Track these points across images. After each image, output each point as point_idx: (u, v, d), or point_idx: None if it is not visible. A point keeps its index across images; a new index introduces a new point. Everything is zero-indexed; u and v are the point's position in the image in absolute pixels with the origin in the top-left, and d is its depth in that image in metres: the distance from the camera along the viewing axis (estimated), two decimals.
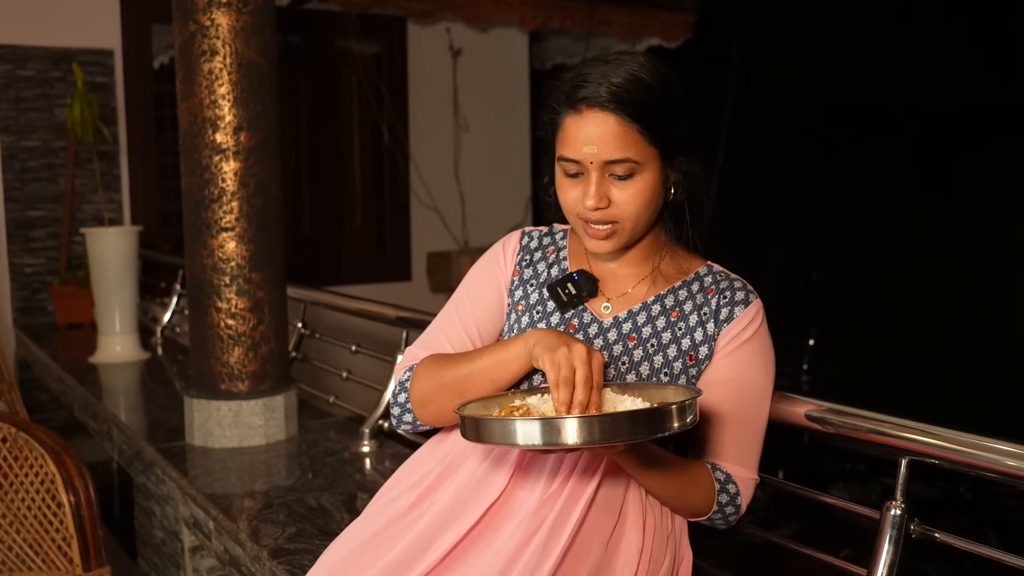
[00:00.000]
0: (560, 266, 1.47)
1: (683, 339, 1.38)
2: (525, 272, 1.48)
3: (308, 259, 5.83)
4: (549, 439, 1.10)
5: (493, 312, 1.49)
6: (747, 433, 1.41)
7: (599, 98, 1.29)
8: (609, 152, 1.30)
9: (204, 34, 2.55)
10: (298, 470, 2.51)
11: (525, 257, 1.49)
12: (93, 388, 3.63)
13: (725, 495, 1.39)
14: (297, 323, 3.18)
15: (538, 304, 1.44)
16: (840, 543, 3.03)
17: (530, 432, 1.11)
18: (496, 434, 1.14)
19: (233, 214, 2.62)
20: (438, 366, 1.40)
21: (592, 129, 1.30)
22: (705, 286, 1.41)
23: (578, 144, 1.31)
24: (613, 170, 1.31)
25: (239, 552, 2.10)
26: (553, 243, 1.51)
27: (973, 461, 1.28)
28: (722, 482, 1.39)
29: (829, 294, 5.62)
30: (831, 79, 5.90)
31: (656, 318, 1.40)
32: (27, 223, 4.98)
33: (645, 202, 1.34)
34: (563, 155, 1.34)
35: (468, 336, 1.48)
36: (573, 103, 1.32)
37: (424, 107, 6.19)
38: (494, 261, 1.51)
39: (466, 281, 1.54)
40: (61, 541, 2.18)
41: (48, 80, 4.94)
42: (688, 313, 1.39)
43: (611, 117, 1.29)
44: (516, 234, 1.54)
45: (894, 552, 1.35)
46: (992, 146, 5.32)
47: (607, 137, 1.29)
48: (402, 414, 1.45)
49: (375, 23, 5.86)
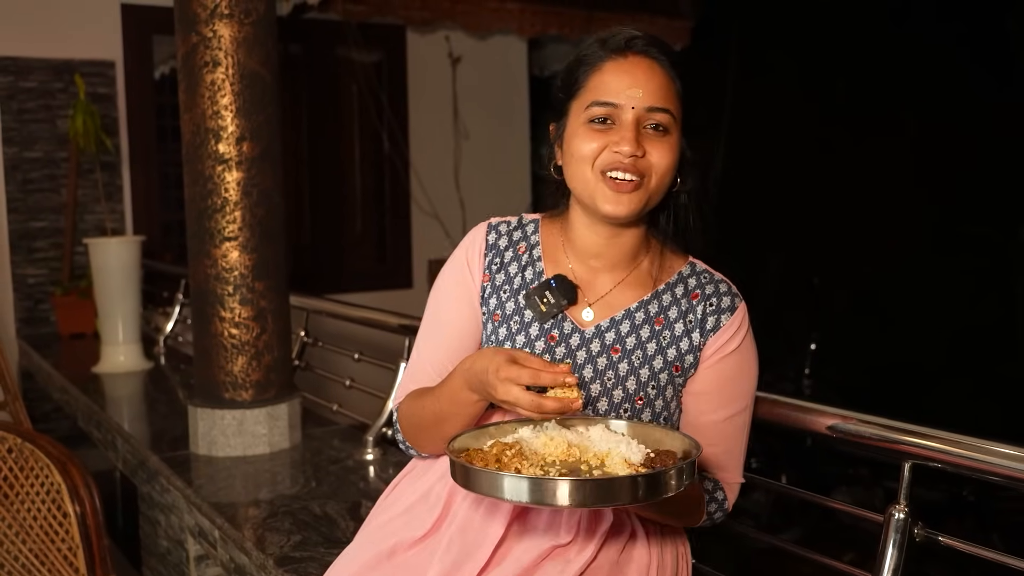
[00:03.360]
0: (535, 267, 1.38)
1: (668, 349, 1.33)
2: (497, 277, 1.39)
3: (309, 267, 5.84)
4: (538, 499, 1.05)
5: (469, 326, 1.41)
6: (737, 436, 1.39)
7: (645, 43, 1.28)
8: (654, 98, 1.26)
9: (206, 45, 2.57)
10: (302, 478, 2.51)
11: (495, 260, 1.40)
12: (97, 398, 3.64)
13: (714, 504, 1.38)
14: (300, 331, 3.18)
15: (515, 314, 1.36)
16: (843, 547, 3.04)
17: (518, 489, 1.06)
18: (484, 486, 1.09)
19: (236, 224, 2.63)
20: (415, 407, 1.39)
21: (640, 73, 1.26)
22: (690, 289, 1.36)
23: (621, 86, 1.26)
24: (651, 119, 1.26)
25: (245, 561, 2.11)
26: (524, 237, 1.41)
27: (977, 465, 1.28)
28: (711, 491, 1.38)
29: (830, 298, 5.62)
30: (829, 82, 5.91)
31: (640, 327, 1.34)
32: (30, 234, 4.99)
33: (672, 164, 1.29)
34: (598, 99, 1.27)
35: (449, 359, 1.39)
36: (616, 49, 1.28)
37: (424, 115, 6.20)
38: (460, 272, 1.42)
39: (436, 297, 1.45)
40: (67, 551, 2.18)
41: (50, 91, 4.96)
42: (673, 321, 1.34)
43: (658, 67, 1.28)
44: (480, 231, 1.44)
45: (898, 556, 1.35)
46: (992, 147, 5.32)
47: (653, 83, 1.26)
48: (408, 448, 1.44)
49: (375, 32, 5.87)
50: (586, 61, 1.31)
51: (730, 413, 1.36)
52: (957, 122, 5.36)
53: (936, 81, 5.42)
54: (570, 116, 1.32)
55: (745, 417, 1.39)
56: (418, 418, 1.37)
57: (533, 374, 1.14)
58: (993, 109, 5.24)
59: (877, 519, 1.41)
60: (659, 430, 1.23)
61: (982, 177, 5.43)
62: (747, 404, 1.39)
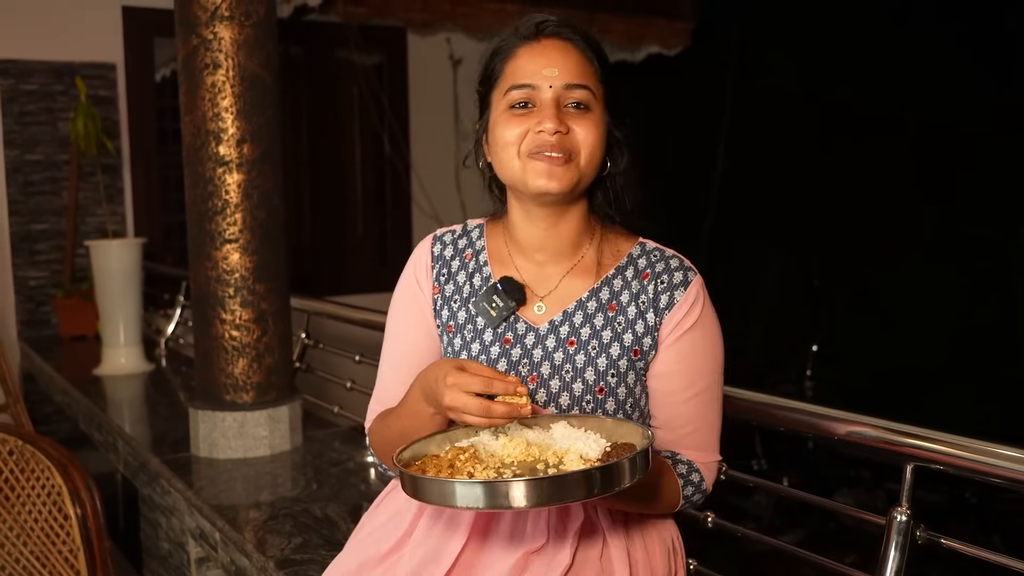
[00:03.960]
0: (482, 273, 1.37)
1: (624, 334, 1.30)
2: (446, 288, 1.38)
3: (309, 269, 5.84)
4: (493, 503, 1.02)
5: (427, 343, 1.40)
6: (706, 412, 1.35)
7: (557, 26, 1.28)
8: (570, 76, 1.26)
9: (207, 47, 2.57)
10: (303, 480, 2.51)
11: (442, 271, 1.39)
12: (98, 400, 3.64)
13: (690, 487, 1.33)
14: (301, 334, 3.18)
15: (467, 323, 1.35)
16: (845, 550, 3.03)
17: (472, 495, 1.02)
18: (434, 495, 1.06)
19: (237, 226, 2.63)
20: (382, 427, 1.39)
21: (554, 54, 1.27)
22: (640, 270, 1.33)
23: (536, 68, 1.26)
24: (570, 96, 1.26)
25: (245, 563, 2.10)
26: (470, 244, 1.41)
27: (979, 467, 1.28)
28: (685, 475, 1.33)
29: (831, 300, 5.62)
30: (830, 83, 5.91)
31: (593, 316, 1.31)
32: (31, 236, 4.99)
33: (599, 140, 1.28)
34: (515, 83, 1.27)
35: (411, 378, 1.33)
36: (528, 35, 1.29)
37: (425, 117, 6.21)
38: (411, 290, 1.41)
39: (392, 316, 1.44)
40: (68, 553, 2.18)
41: (51, 94, 4.96)
42: (626, 305, 1.31)
43: (571, 46, 1.28)
44: (425, 245, 1.43)
45: (900, 558, 1.35)
46: (992, 148, 5.32)
47: (568, 62, 1.27)
48: (385, 471, 1.46)
49: (375, 34, 5.88)
50: (501, 51, 1.31)
51: (696, 391, 1.33)
52: (957, 122, 5.35)
53: (936, 81, 5.42)
54: (492, 107, 1.33)
55: (713, 393, 1.35)
56: (385, 438, 1.36)
57: (485, 382, 1.14)
58: (993, 109, 5.24)
59: (879, 521, 1.41)
60: (622, 424, 1.21)
61: (982, 177, 5.42)
62: (714, 380, 1.35)
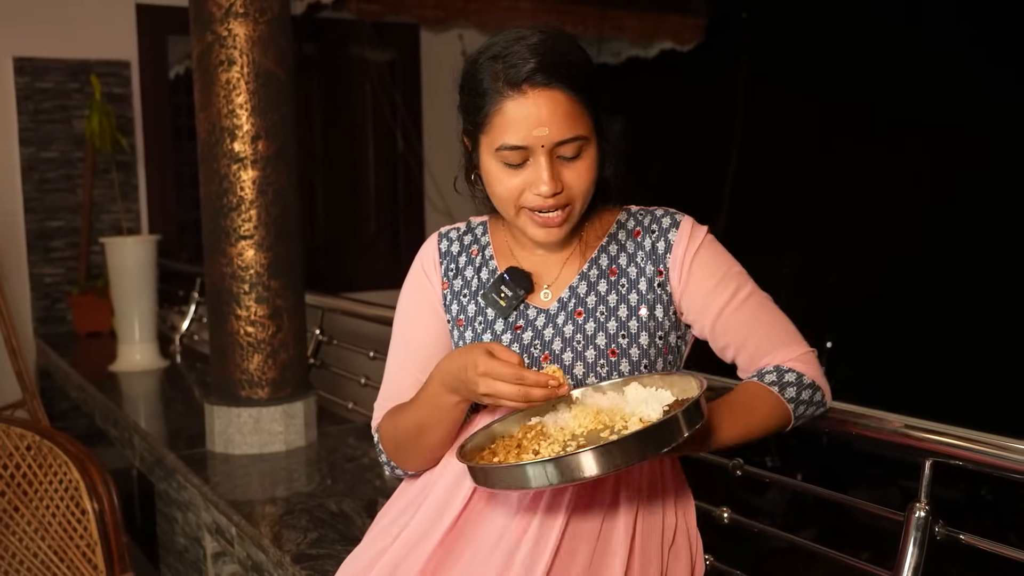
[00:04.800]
0: (488, 267, 1.40)
1: (629, 295, 1.33)
2: (455, 284, 1.41)
3: (323, 266, 5.85)
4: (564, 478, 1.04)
5: (438, 337, 1.42)
6: (763, 313, 1.35)
7: (544, 75, 1.21)
8: (560, 132, 1.22)
9: (221, 44, 2.58)
10: (318, 476, 2.52)
11: (450, 267, 1.42)
12: (113, 396, 3.66)
13: (790, 388, 1.30)
14: (315, 330, 3.19)
15: (477, 315, 1.38)
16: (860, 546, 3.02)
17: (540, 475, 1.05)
18: (503, 482, 1.08)
19: (252, 222, 2.63)
20: (395, 422, 1.37)
21: (541, 109, 1.21)
22: (630, 230, 1.37)
23: (526, 128, 1.21)
24: (563, 151, 1.24)
25: (262, 558, 2.11)
26: (475, 240, 1.43)
27: (999, 462, 1.27)
28: (778, 380, 1.30)
29: (845, 297, 5.60)
30: (846, 80, 5.88)
31: (596, 283, 1.34)
32: (46, 233, 5.02)
33: (592, 179, 1.28)
34: (506, 143, 1.23)
35: (422, 373, 1.38)
36: (514, 84, 1.22)
37: (438, 113, 6.20)
38: (420, 285, 1.43)
39: (400, 313, 1.46)
40: (85, 548, 2.19)
41: (66, 92, 4.98)
42: (625, 267, 1.34)
43: (558, 93, 1.22)
44: (432, 242, 1.46)
45: (919, 554, 1.34)
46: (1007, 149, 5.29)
47: (558, 116, 1.21)
48: (394, 469, 1.42)
49: (388, 31, 5.88)
50: (484, 93, 1.26)
51: (736, 296, 1.32)
52: (971, 122, 5.33)
53: (949, 81, 5.39)
54: (481, 148, 1.30)
55: (757, 296, 1.34)
56: (399, 432, 1.36)
57: (515, 374, 1.14)
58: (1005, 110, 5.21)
59: (897, 517, 1.40)
60: (685, 377, 1.21)
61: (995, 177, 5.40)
62: (748, 283, 1.34)
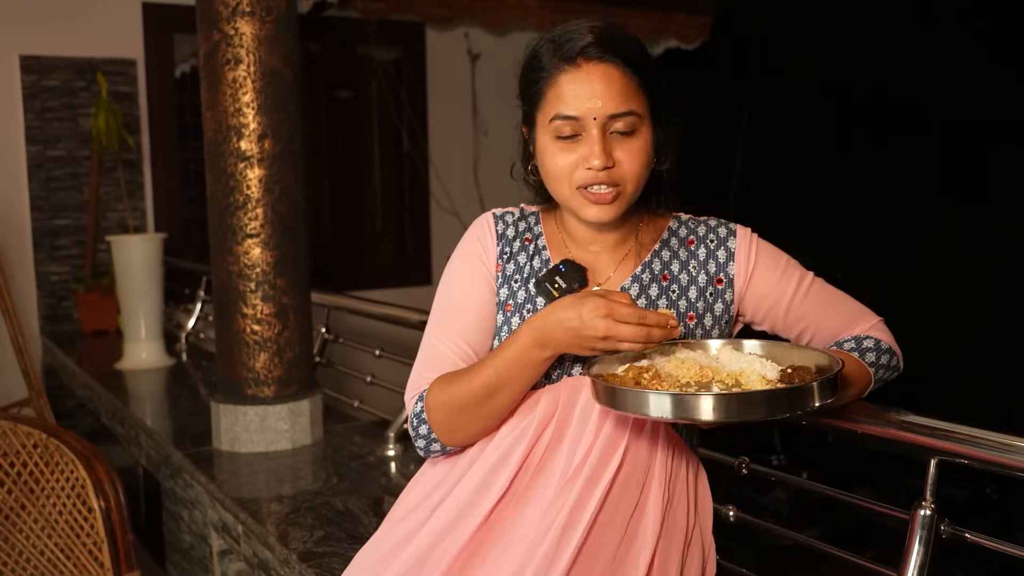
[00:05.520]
0: (541, 256, 1.40)
1: (679, 301, 1.37)
2: (507, 267, 1.39)
3: (329, 264, 5.86)
4: (683, 413, 1.09)
5: (488, 312, 1.39)
6: (829, 294, 1.41)
7: (598, 49, 1.25)
8: (614, 105, 1.25)
9: (228, 43, 2.58)
10: (324, 474, 2.52)
11: (505, 249, 1.40)
12: (119, 394, 3.67)
13: (870, 353, 1.36)
14: (321, 328, 3.20)
15: (527, 303, 1.37)
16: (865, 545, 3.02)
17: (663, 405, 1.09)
18: (629, 404, 1.12)
19: (258, 221, 2.64)
20: (450, 390, 1.32)
21: (595, 82, 1.24)
22: (683, 238, 1.40)
23: (579, 100, 1.25)
24: (616, 126, 1.26)
25: (268, 556, 2.12)
26: (528, 228, 1.43)
27: (1005, 461, 1.26)
28: (857, 347, 1.37)
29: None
30: (851, 78, 5.87)
31: (648, 286, 1.37)
32: (53, 231, 5.03)
33: (645, 162, 1.30)
34: (560, 113, 1.26)
35: (469, 344, 1.38)
36: (569, 58, 1.26)
37: (443, 111, 6.21)
38: (475, 256, 1.41)
39: (449, 283, 1.43)
40: (92, 546, 2.20)
41: (73, 90, 5.00)
42: (677, 273, 1.38)
43: (612, 68, 1.25)
44: (488, 221, 1.43)
45: (925, 553, 1.34)
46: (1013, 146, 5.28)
47: (611, 90, 1.25)
48: (428, 445, 1.36)
49: (394, 29, 5.89)
50: (541, 69, 1.30)
51: (803, 282, 1.39)
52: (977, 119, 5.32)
53: (957, 79, 5.38)
54: (537, 127, 1.33)
55: (816, 280, 1.41)
56: (459, 399, 1.31)
57: (639, 314, 1.16)
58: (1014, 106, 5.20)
59: (903, 516, 1.40)
60: (794, 349, 1.26)
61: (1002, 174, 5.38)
62: (803, 270, 1.41)
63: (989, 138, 5.32)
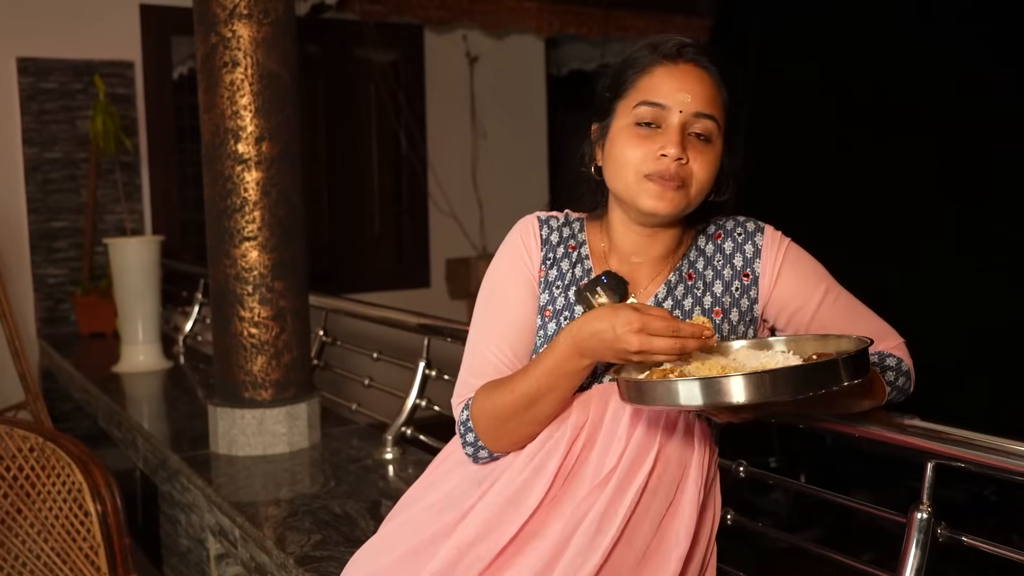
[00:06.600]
0: (583, 265, 1.40)
1: (704, 297, 1.37)
2: (550, 273, 1.40)
3: (327, 267, 5.86)
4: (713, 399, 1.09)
5: (531, 316, 1.39)
6: (856, 309, 1.41)
7: (698, 52, 1.32)
8: (702, 104, 1.30)
9: (226, 46, 2.58)
10: (322, 477, 2.52)
11: (548, 255, 1.40)
12: (117, 397, 3.66)
13: (890, 372, 1.37)
14: (319, 331, 3.19)
15: (565, 309, 1.37)
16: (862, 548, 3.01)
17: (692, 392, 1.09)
18: (659, 396, 1.12)
19: (255, 223, 2.64)
20: (493, 398, 1.33)
21: (690, 80, 1.30)
22: (710, 234, 1.42)
23: (670, 90, 1.30)
24: (695, 127, 1.30)
25: (265, 560, 2.11)
26: (572, 235, 1.43)
27: (1002, 464, 1.26)
28: (879, 363, 1.37)
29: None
30: (850, 80, 5.88)
31: (675, 288, 1.38)
32: (50, 234, 5.03)
33: (712, 173, 1.33)
34: (648, 99, 1.30)
35: (512, 349, 1.38)
36: (669, 55, 1.32)
37: (441, 114, 6.21)
38: (519, 258, 1.41)
39: (493, 286, 1.43)
40: (88, 550, 2.20)
41: (70, 92, 4.99)
42: (703, 269, 1.39)
43: (707, 74, 1.32)
44: (532, 224, 1.43)
45: (921, 556, 1.34)
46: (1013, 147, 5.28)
47: (703, 90, 1.30)
48: (476, 452, 1.38)
49: (392, 31, 5.89)
50: (636, 63, 1.34)
51: (830, 292, 1.39)
52: (976, 120, 5.32)
53: (957, 79, 5.38)
54: (615, 116, 1.35)
55: (845, 293, 1.42)
56: (501, 408, 1.32)
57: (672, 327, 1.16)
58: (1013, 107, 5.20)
59: (900, 519, 1.40)
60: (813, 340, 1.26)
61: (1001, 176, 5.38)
62: (834, 281, 1.42)
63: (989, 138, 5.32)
